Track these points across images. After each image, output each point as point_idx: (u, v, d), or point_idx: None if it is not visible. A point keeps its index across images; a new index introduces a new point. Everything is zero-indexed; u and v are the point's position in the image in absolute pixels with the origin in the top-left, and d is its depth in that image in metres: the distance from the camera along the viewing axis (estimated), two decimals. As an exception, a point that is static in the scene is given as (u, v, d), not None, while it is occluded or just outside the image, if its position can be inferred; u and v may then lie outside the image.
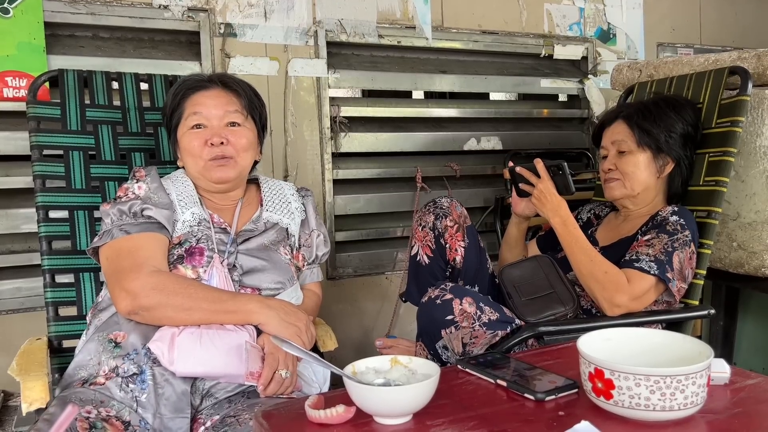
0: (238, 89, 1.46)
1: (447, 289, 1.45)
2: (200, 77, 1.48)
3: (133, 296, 1.23)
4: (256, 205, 1.52)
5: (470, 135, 2.68)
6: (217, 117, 1.42)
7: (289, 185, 1.59)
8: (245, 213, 1.48)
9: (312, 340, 1.32)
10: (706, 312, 1.59)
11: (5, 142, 1.96)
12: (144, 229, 1.32)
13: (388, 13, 2.48)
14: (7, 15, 1.90)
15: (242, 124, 1.45)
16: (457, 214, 1.68)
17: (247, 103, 1.47)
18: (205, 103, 1.42)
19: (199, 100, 1.43)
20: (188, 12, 2.17)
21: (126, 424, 1.15)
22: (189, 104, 1.43)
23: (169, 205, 1.38)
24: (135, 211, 1.34)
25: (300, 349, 1.00)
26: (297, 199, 1.56)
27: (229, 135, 1.41)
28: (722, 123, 1.74)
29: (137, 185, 1.39)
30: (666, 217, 1.58)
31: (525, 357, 1.15)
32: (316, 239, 1.55)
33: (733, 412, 0.90)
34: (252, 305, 1.27)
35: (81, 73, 1.65)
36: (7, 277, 2.02)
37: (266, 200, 1.51)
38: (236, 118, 1.44)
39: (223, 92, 1.45)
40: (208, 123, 1.41)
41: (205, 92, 1.44)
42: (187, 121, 1.42)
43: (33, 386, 1.19)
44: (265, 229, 1.46)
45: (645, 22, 3.00)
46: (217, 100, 1.43)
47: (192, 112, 1.42)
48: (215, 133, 1.40)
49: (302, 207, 1.56)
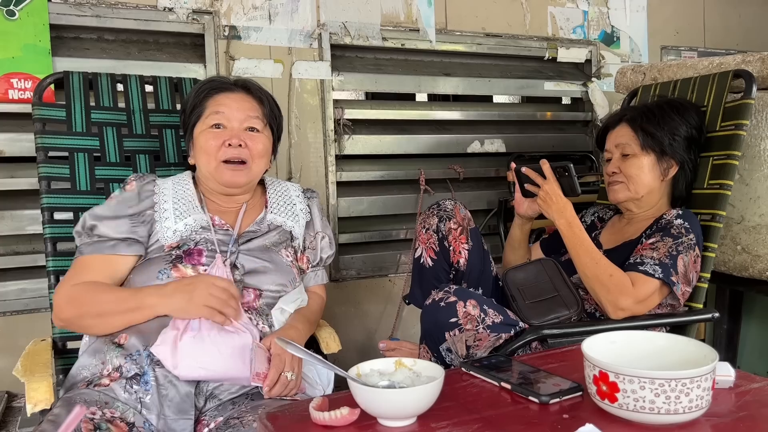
0: (262, 97, 1.48)
1: (451, 292, 1.45)
2: (226, 79, 1.49)
3: (54, 312, 1.30)
4: (261, 206, 1.52)
5: (474, 137, 2.68)
6: (238, 120, 1.42)
7: (295, 186, 1.60)
8: (250, 215, 1.48)
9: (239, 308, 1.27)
10: (710, 315, 1.59)
11: (11, 143, 1.96)
12: (94, 250, 1.34)
13: (392, 16, 2.49)
14: (12, 17, 1.91)
15: (261, 131, 1.45)
16: (461, 216, 1.68)
17: (268, 111, 1.48)
18: (228, 104, 1.43)
19: (223, 100, 1.43)
20: (193, 14, 2.18)
21: (130, 426, 1.15)
22: (211, 103, 1.43)
23: (140, 215, 1.38)
24: (88, 228, 1.36)
25: (304, 350, 1.00)
26: (302, 200, 1.56)
27: (247, 139, 1.42)
28: (726, 126, 1.73)
29: (116, 195, 1.41)
30: (670, 220, 1.58)
31: (529, 360, 1.15)
32: (321, 241, 1.55)
33: (738, 416, 0.90)
34: (151, 299, 1.25)
35: (86, 75, 1.65)
36: (12, 278, 2.02)
37: (271, 202, 1.52)
38: (256, 124, 1.44)
39: (246, 97, 1.46)
40: (228, 124, 1.42)
41: (229, 94, 1.45)
42: (207, 119, 1.43)
43: (38, 387, 1.19)
44: (268, 231, 1.46)
45: (649, 25, 3.00)
46: (240, 104, 1.44)
47: (214, 111, 1.42)
48: (234, 134, 1.41)
49: (307, 209, 1.56)
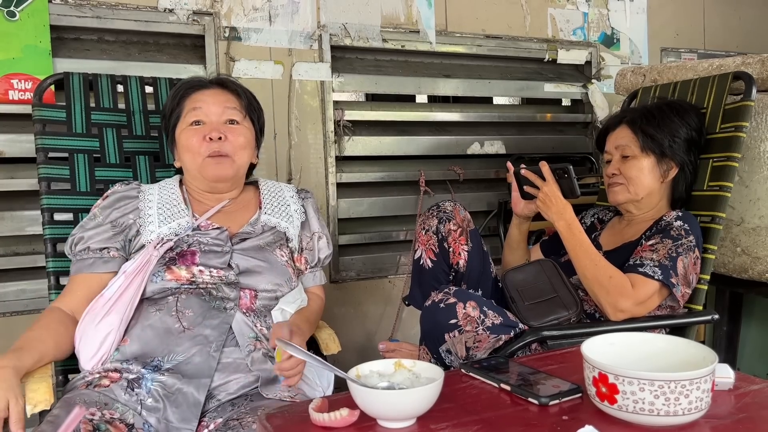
0: (237, 89, 1.50)
1: (450, 293, 1.45)
2: (200, 79, 1.52)
3: None
4: (255, 207, 1.52)
5: (474, 139, 2.68)
6: (216, 113, 1.44)
7: (290, 187, 1.60)
8: (243, 215, 1.49)
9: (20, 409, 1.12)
10: (710, 317, 1.59)
11: (11, 144, 1.96)
12: (76, 270, 1.38)
13: (392, 17, 2.49)
14: (13, 18, 1.91)
15: (240, 123, 1.47)
16: (461, 217, 1.68)
17: (246, 103, 1.50)
18: (204, 99, 1.45)
19: (199, 97, 1.46)
20: (193, 16, 2.18)
21: (129, 427, 1.15)
22: (188, 102, 1.46)
23: (122, 220, 1.40)
24: (74, 244, 1.39)
25: (304, 352, 1.00)
26: (297, 201, 1.56)
27: (227, 132, 1.43)
28: (726, 128, 1.74)
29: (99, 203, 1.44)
30: (670, 222, 1.58)
31: (528, 361, 1.15)
32: (318, 242, 1.55)
33: (738, 418, 0.90)
34: None
35: (86, 76, 1.65)
36: (11, 279, 2.02)
37: (265, 203, 1.52)
38: (235, 115, 1.46)
39: (222, 91, 1.48)
40: (207, 119, 1.44)
41: (205, 91, 1.47)
42: (186, 117, 1.45)
43: (37, 388, 1.19)
44: (262, 231, 1.46)
45: (649, 27, 3.00)
46: (216, 98, 1.46)
47: (192, 108, 1.44)
48: (214, 128, 1.42)
49: (302, 209, 1.55)
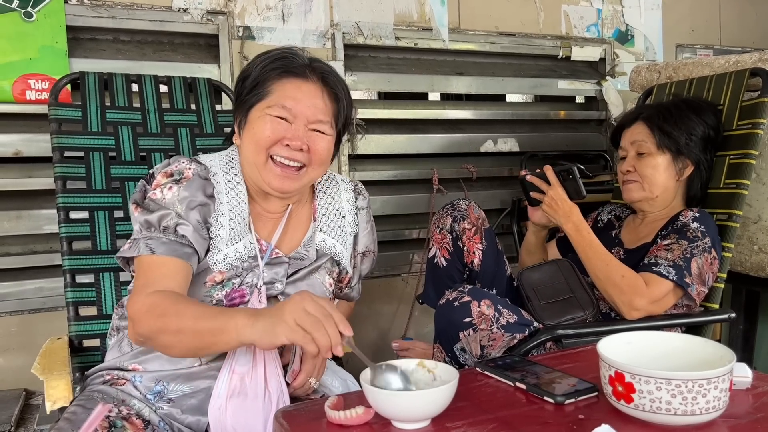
0: (338, 92, 1.26)
1: (465, 292, 1.45)
2: (300, 59, 1.25)
3: (132, 323, 1.12)
4: (308, 218, 1.34)
5: (487, 137, 2.68)
6: (306, 117, 1.22)
7: (346, 185, 1.40)
8: (295, 229, 1.32)
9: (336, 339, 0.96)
10: (727, 316, 1.58)
11: (28, 144, 1.99)
12: (170, 251, 1.15)
13: (405, 15, 2.48)
14: (30, 19, 1.93)
15: (327, 134, 1.25)
16: (475, 216, 1.68)
17: (343, 112, 1.27)
18: (299, 99, 1.21)
19: (293, 93, 1.22)
20: (207, 15, 2.19)
21: (146, 423, 1.16)
22: (279, 89, 1.22)
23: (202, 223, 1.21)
24: (166, 226, 1.17)
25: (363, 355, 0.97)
26: (352, 210, 1.38)
27: (310, 141, 1.22)
28: (743, 125, 1.72)
29: (177, 189, 1.20)
30: (687, 222, 1.57)
31: (544, 360, 1.15)
32: (363, 260, 1.43)
33: (756, 417, 0.89)
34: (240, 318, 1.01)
35: (102, 75, 1.67)
36: (29, 277, 2.05)
37: (320, 215, 1.34)
38: (324, 128, 1.24)
39: (321, 92, 1.24)
40: (293, 121, 1.21)
41: (301, 84, 1.23)
42: (271, 107, 1.21)
43: (57, 385, 1.20)
44: (317, 258, 1.31)
45: (664, 23, 2.98)
46: (312, 101, 1.22)
47: (280, 104, 1.21)
48: (297, 136, 1.20)
49: (355, 219, 1.38)
